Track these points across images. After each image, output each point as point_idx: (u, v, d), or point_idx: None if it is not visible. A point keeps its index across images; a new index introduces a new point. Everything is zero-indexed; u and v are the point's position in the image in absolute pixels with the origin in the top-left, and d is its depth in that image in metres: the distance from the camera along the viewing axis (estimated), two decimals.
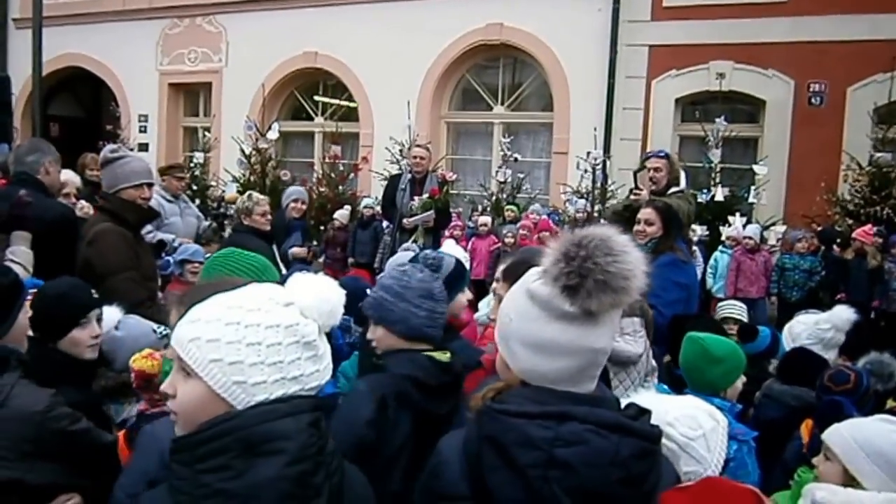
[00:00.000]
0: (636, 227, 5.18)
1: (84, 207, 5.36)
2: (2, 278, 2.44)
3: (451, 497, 1.73)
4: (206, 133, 13.08)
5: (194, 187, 11.20)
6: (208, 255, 5.17)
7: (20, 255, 3.83)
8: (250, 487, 1.49)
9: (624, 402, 1.87)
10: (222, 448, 1.50)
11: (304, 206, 8.27)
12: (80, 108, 16.33)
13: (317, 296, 1.59)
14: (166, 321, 2.79)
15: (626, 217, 5.66)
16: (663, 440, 1.91)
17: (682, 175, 6.06)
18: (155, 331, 3.03)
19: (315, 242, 9.47)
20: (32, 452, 2.26)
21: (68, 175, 5.29)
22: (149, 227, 4.63)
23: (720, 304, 6.45)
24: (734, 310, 5.80)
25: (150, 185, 4.30)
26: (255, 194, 5.92)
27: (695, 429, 2.13)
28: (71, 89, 15.97)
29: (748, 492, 1.73)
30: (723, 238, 8.69)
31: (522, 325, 1.72)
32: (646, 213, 5.09)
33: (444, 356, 2.52)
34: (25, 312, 2.49)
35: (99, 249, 4.00)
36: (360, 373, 3.02)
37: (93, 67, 14.59)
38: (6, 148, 10.08)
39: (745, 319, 5.61)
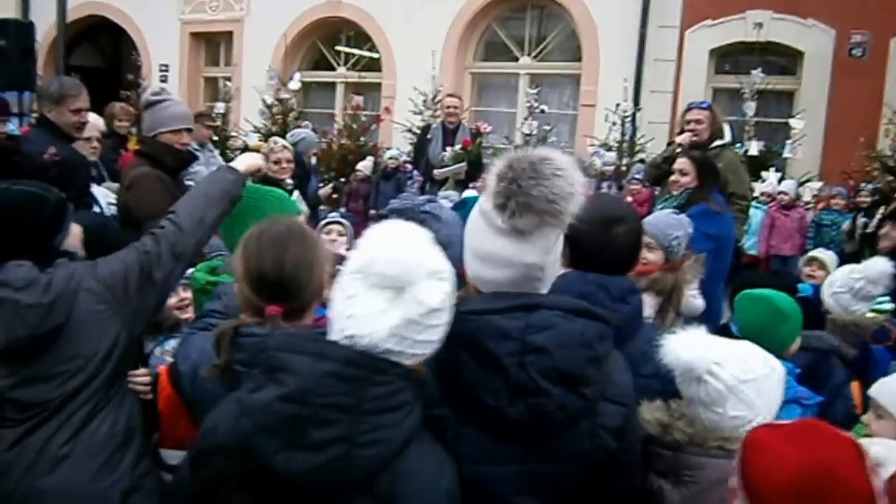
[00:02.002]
0: (671, 178, 5.04)
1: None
2: (47, 193, 2.56)
3: (427, 403, 1.74)
4: (227, 83, 12.88)
5: (215, 137, 11.05)
6: None
7: None
8: (249, 405, 1.59)
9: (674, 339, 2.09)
10: (255, 361, 1.66)
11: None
12: (101, 58, 16.20)
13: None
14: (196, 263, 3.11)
15: (664, 170, 5.51)
16: (709, 378, 2.04)
17: (727, 128, 5.89)
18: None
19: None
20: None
21: (92, 119, 5.19)
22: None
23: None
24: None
25: (188, 131, 4.26)
26: (278, 140, 5.76)
27: (746, 372, 2.05)
28: (92, 39, 15.84)
29: (847, 440, 1.59)
30: (756, 194, 8.44)
31: (472, 237, 1.85)
32: (681, 162, 4.97)
33: None
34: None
35: (136, 194, 3.98)
36: None
37: (114, 16, 14.35)
38: (28, 95, 10.05)
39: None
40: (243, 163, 3.05)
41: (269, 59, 12.35)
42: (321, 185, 8.17)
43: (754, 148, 8.72)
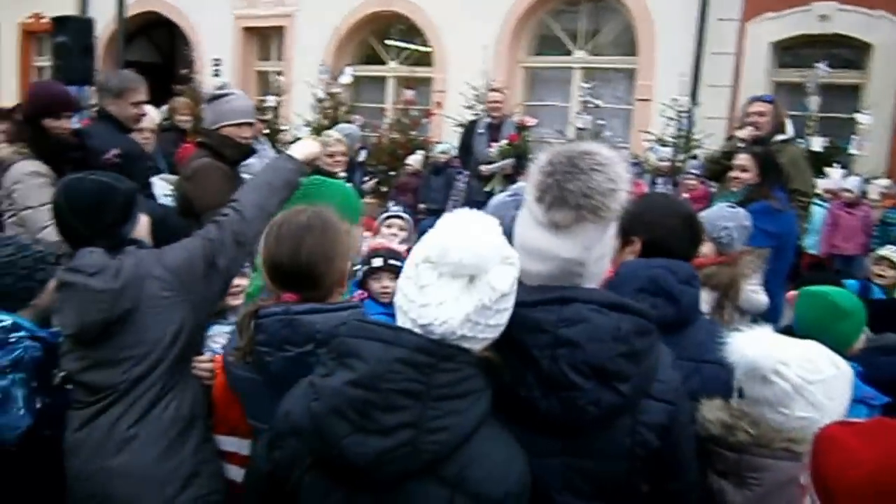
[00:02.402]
0: (731, 173, 4.92)
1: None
2: (118, 183, 2.65)
3: None
4: (279, 77, 12.93)
5: (266, 131, 11.10)
6: None
7: None
8: (320, 389, 1.64)
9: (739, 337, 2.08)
10: (330, 347, 1.70)
11: None
12: (156, 54, 16.49)
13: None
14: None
15: (723, 165, 5.36)
16: (775, 378, 2.01)
17: (789, 123, 5.72)
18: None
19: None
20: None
21: (148, 111, 5.34)
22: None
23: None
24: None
25: (250, 125, 4.33)
26: (331, 133, 5.73)
27: (813, 373, 2.01)
28: (147, 35, 16.11)
29: None
30: (818, 191, 8.13)
31: (519, 229, 1.86)
32: (741, 158, 4.88)
33: None
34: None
35: (198, 184, 4.06)
36: None
37: (169, 13, 14.60)
38: (87, 90, 10.22)
39: None
40: (301, 150, 3.10)
41: (321, 54, 12.37)
42: (366, 178, 8.12)
43: (817, 144, 8.41)
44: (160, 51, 16.59)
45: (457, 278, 1.61)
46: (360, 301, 2.23)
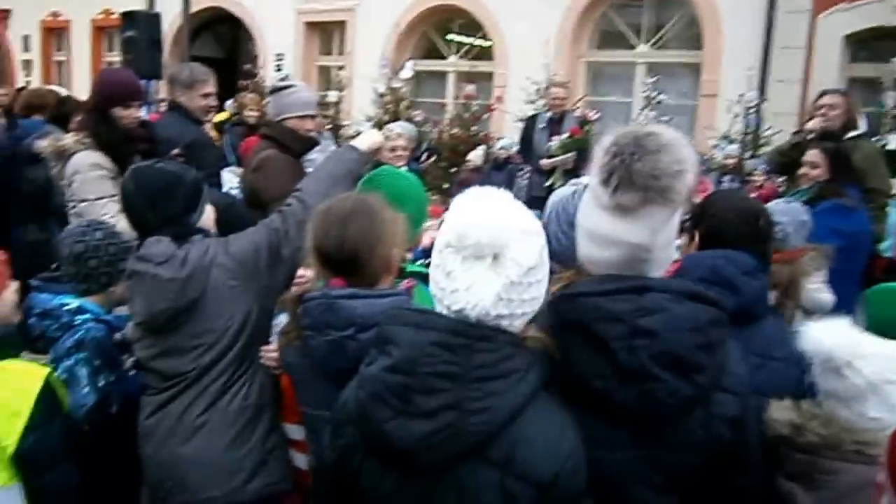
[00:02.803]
0: (800, 170, 4.78)
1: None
2: (185, 173, 2.70)
3: None
4: (340, 72, 13.01)
5: (328, 126, 11.19)
6: None
7: None
8: (363, 377, 1.69)
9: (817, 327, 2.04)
10: (372, 336, 1.74)
11: None
12: (220, 49, 16.77)
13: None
14: None
15: (792, 157, 5.20)
16: (848, 372, 1.95)
17: (863, 119, 5.52)
18: None
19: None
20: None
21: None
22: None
23: None
24: None
25: (312, 117, 4.38)
26: (393, 127, 5.73)
27: (892, 371, 1.93)
28: (212, 30, 16.38)
29: None
30: (895, 191, 7.85)
31: (582, 215, 1.85)
32: (811, 154, 4.73)
33: None
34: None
35: (264, 175, 4.11)
36: None
37: (232, 8, 14.83)
38: (154, 83, 10.45)
39: None
40: (365, 141, 3.13)
41: (382, 48, 12.39)
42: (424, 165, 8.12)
43: (894, 142, 8.11)
44: (224, 46, 16.87)
45: (480, 259, 1.59)
46: (405, 290, 2.27)
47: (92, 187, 3.90)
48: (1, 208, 6.02)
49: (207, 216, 2.78)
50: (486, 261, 1.59)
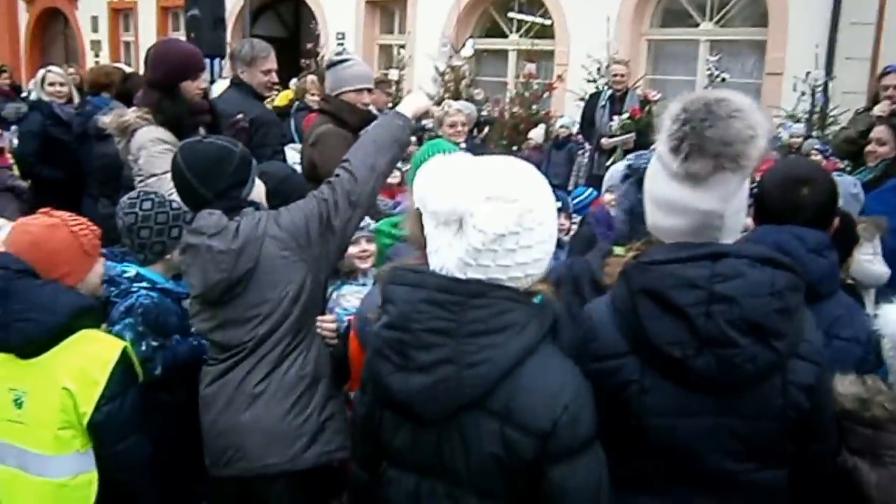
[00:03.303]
0: (867, 147, 4.74)
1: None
2: (235, 147, 2.73)
3: (610, 356, 1.77)
4: (401, 50, 13.09)
5: (389, 105, 11.29)
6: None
7: None
8: (371, 336, 1.78)
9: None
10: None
11: None
12: (282, 28, 16.94)
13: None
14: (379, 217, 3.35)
15: (860, 145, 5.16)
16: None
17: None
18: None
19: None
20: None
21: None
22: None
23: None
24: None
25: (369, 91, 4.41)
26: (452, 103, 5.80)
27: None
28: (274, 9, 16.53)
29: None
30: None
31: (651, 183, 1.83)
32: (878, 131, 4.69)
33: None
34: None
35: (322, 149, 4.18)
36: None
37: None
38: (219, 62, 10.64)
39: None
40: (410, 106, 3.07)
41: (442, 27, 12.41)
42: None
43: None
44: (286, 25, 17.03)
45: (448, 225, 1.64)
46: None
47: (158, 162, 3.84)
48: (73, 183, 6.28)
49: (258, 189, 2.80)
50: (452, 227, 1.63)
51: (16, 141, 7.01)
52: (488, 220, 1.59)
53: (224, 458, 2.71)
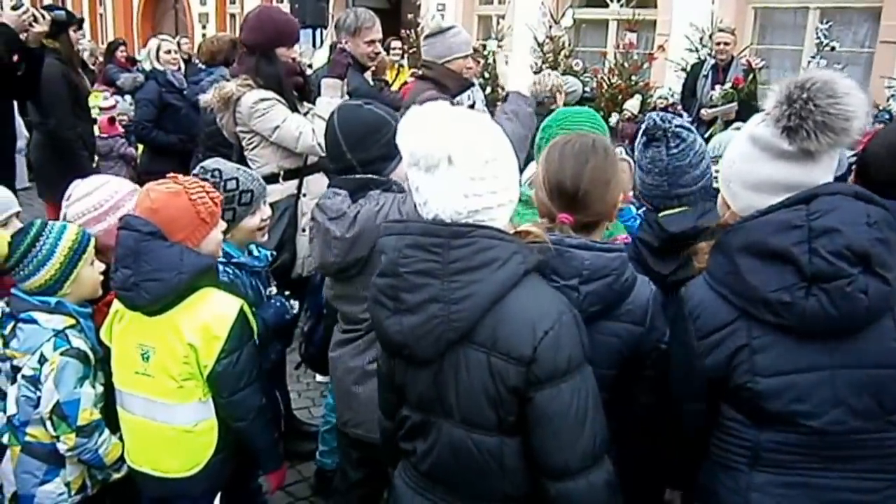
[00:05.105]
0: None
1: None
2: (391, 119, 2.70)
3: (716, 328, 1.80)
4: (501, 20, 13.08)
5: (486, 75, 11.33)
6: None
7: (321, 107, 4.08)
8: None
9: None
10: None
11: None
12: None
13: None
14: None
15: None
16: None
17: None
18: None
19: None
20: None
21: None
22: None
23: None
24: None
25: (473, 58, 4.56)
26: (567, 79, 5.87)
27: None
28: None
29: None
30: None
31: (743, 167, 1.87)
32: None
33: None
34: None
35: None
36: None
37: None
38: (321, 32, 10.87)
39: None
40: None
41: None
42: None
43: None
44: None
45: (436, 167, 1.74)
46: (624, 244, 2.19)
47: (275, 114, 4.00)
48: (186, 154, 6.59)
49: (401, 170, 2.65)
50: (441, 166, 1.74)
51: (127, 108, 7.43)
52: (475, 147, 1.75)
53: (343, 418, 2.87)
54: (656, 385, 2.09)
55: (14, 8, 4.86)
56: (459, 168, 1.73)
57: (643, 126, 2.66)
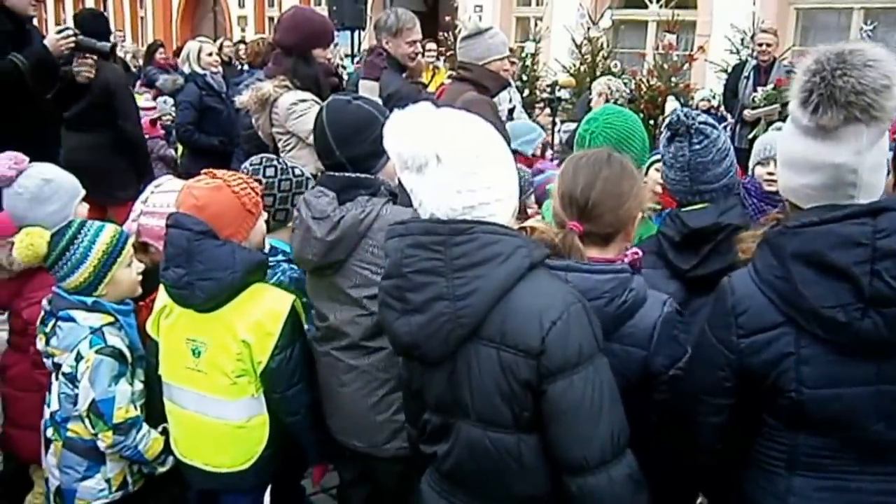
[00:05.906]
0: None
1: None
2: (380, 116, 2.63)
3: (761, 329, 1.73)
4: (538, 22, 13.05)
5: (524, 77, 11.31)
6: None
7: None
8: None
9: None
10: (577, 311, 1.77)
11: None
12: (421, 2, 17.10)
13: None
14: None
15: None
16: None
17: None
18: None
19: None
20: None
21: None
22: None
23: None
24: None
25: (510, 59, 4.53)
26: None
27: None
28: None
29: None
30: None
31: (782, 143, 1.82)
32: None
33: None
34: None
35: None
36: None
37: None
38: (360, 34, 10.89)
39: None
40: None
41: None
42: None
43: None
44: None
45: (426, 166, 1.73)
46: (627, 264, 2.08)
47: (311, 116, 3.76)
48: (226, 156, 6.65)
49: (389, 169, 2.62)
50: (430, 165, 1.72)
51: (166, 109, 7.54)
52: (463, 142, 1.75)
53: (329, 420, 2.78)
54: (668, 407, 2.04)
55: (58, 32, 4.80)
56: (448, 165, 1.73)
57: (667, 121, 2.65)
